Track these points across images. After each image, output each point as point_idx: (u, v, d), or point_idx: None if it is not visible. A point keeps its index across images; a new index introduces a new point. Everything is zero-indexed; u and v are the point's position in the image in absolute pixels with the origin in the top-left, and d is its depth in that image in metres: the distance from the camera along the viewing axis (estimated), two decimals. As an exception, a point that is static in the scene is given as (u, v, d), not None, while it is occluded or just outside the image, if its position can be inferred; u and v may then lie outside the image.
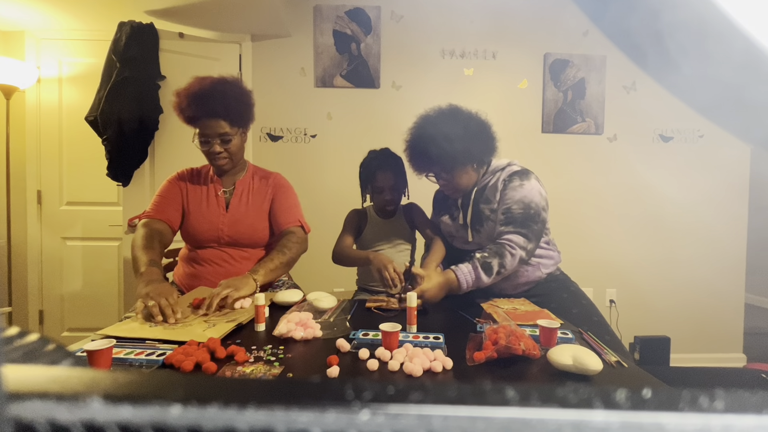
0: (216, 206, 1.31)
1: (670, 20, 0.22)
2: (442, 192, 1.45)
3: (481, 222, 1.28)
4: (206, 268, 1.29)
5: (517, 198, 1.21)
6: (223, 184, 1.34)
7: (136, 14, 1.93)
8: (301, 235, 1.33)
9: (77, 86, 2.21)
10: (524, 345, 0.73)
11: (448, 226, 1.37)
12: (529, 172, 1.27)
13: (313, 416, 0.14)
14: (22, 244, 2.22)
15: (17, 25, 2.13)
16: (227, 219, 1.30)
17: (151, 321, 0.90)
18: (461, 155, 1.25)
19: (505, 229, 1.19)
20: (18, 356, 0.20)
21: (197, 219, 1.29)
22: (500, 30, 2.28)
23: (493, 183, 1.28)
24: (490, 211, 1.26)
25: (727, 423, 0.14)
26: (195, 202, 1.31)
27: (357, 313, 1.07)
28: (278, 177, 1.42)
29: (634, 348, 2.16)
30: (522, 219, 1.19)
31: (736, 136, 0.27)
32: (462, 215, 1.33)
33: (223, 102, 1.21)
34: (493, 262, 1.13)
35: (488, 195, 1.28)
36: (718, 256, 2.36)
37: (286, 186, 1.40)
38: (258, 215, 1.34)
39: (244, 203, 1.33)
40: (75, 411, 0.14)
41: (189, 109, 1.21)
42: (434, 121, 1.28)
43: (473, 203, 1.30)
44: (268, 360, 0.75)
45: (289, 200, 1.37)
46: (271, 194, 1.37)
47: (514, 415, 0.14)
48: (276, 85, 2.23)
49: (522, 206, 1.20)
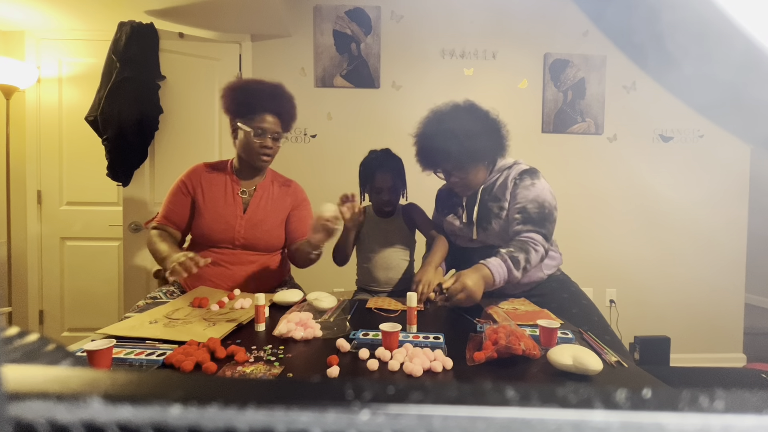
0: (233, 207, 1.29)
1: (670, 20, 0.22)
2: (446, 190, 1.44)
3: (488, 220, 1.26)
4: (213, 269, 1.25)
5: (531, 197, 1.21)
6: (243, 185, 1.34)
7: (136, 14, 1.94)
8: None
9: (77, 86, 2.21)
10: (524, 345, 0.73)
11: (452, 225, 1.36)
12: (538, 171, 1.27)
13: (313, 416, 0.14)
14: (22, 244, 2.22)
15: (17, 25, 2.13)
16: (244, 222, 1.28)
17: (179, 277, 1.02)
18: (476, 153, 1.24)
19: (524, 228, 1.17)
20: (18, 356, 0.20)
21: (213, 218, 1.27)
22: (500, 30, 2.28)
23: (501, 181, 1.27)
24: (498, 209, 1.25)
25: (727, 423, 0.14)
26: (211, 199, 1.29)
27: (357, 313, 1.07)
28: (298, 188, 1.44)
29: (634, 348, 2.16)
30: (539, 218, 1.18)
31: (736, 136, 0.27)
32: (467, 213, 1.32)
33: (281, 103, 1.28)
34: (519, 256, 1.11)
35: (497, 193, 1.27)
36: (718, 256, 2.36)
37: (306, 200, 1.44)
38: (276, 222, 1.34)
39: (263, 208, 1.32)
40: (75, 411, 0.14)
41: (249, 103, 1.24)
42: (449, 116, 1.26)
43: (480, 201, 1.29)
44: (268, 360, 0.75)
45: (307, 213, 1.41)
46: (290, 204, 1.38)
47: (514, 415, 0.14)
48: (276, 85, 2.23)
49: (537, 205, 1.19)
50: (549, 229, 1.19)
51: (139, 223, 1.97)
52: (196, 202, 1.29)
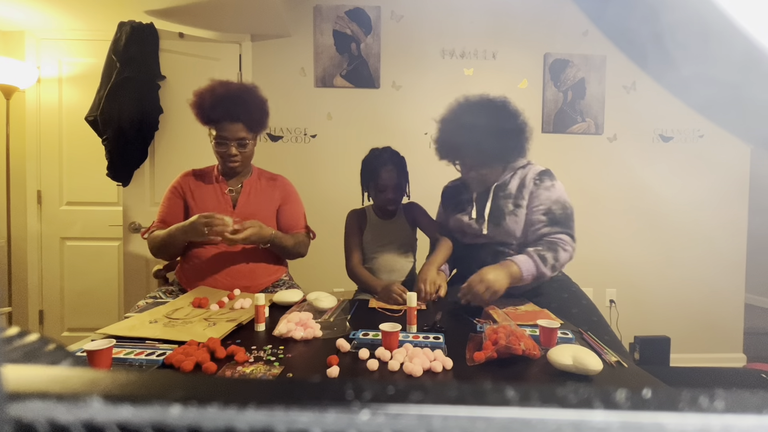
0: (223, 204, 1.32)
1: (670, 20, 0.22)
2: (454, 187, 1.44)
3: (502, 216, 1.25)
4: (210, 265, 1.29)
5: (554, 198, 1.22)
6: (229, 185, 1.36)
7: (136, 14, 1.93)
8: (306, 240, 1.41)
9: (77, 86, 2.21)
10: (524, 345, 0.73)
11: (460, 221, 1.34)
12: (552, 171, 1.29)
13: (313, 416, 0.14)
14: (22, 244, 2.22)
15: (17, 25, 2.13)
16: (235, 217, 1.29)
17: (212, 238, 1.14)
18: (501, 151, 1.25)
19: (552, 229, 1.19)
20: (18, 356, 0.20)
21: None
22: (500, 30, 2.28)
23: (518, 181, 1.27)
24: (514, 206, 1.24)
25: (727, 423, 0.14)
26: (201, 199, 1.32)
27: (357, 313, 1.07)
28: (285, 181, 1.46)
29: (634, 348, 2.16)
30: (564, 219, 1.21)
31: (736, 136, 0.27)
32: (477, 209, 1.30)
33: (245, 108, 1.26)
34: (547, 255, 1.13)
35: (512, 191, 1.26)
36: (718, 256, 2.36)
37: (294, 192, 1.46)
38: (266, 214, 1.36)
39: (252, 202, 1.35)
40: (75, 411, 0.14)
41: (211, 111, 1.24)
42: (481, 108, 1.25)
43: (493, 198, 1.28)
44: (268, 360, 0.75)
45: (297, 207, 1.44)
46: (279, 198, 1.40)
47: (514, 415, 0.14)
48: (276, 85, 2.23)
49: (560, 207, 1.22)
50: (573, 230, 1.22)
51: (139, 223, 1.97)
52: (187, 203, 1.33)
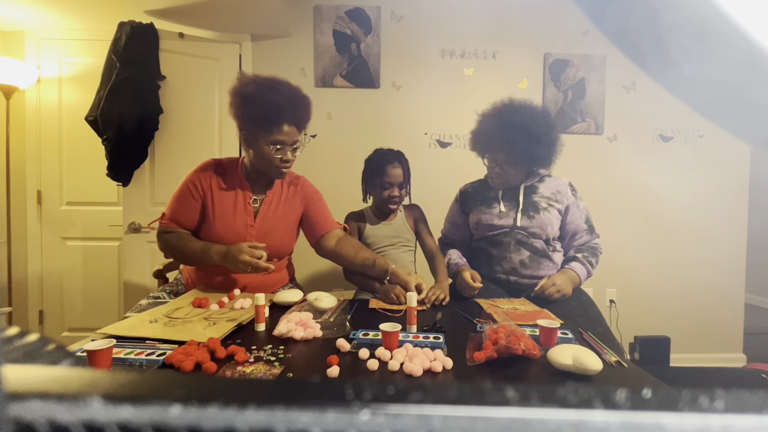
0: (244, 215, 1.23)
1: (670, 20, 0.22)
2: (474, 187, 1.50)
3: (536, 210, 1.35)
4: (221, 269, 1.20)
5: (585, 208, 1.41)
6: (253, 191, 1.27)
7: (136, 14, 1.93)
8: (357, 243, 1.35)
9: (77, 86, 2.21)
10: (524, 345, 0.73)
11: (484, 214, 1.41)
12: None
13: (313, 416, 0.14)
14: (22, 244, 2.22)
15: (17, 25, 2.13)
16: (255, 230, 1.23)
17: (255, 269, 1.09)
18: (533, 155, 1.34)
19: (591, 236, 1.40)
20: (18, 356, 0.20)
21: (223, 227, 1.21)
22: (500, 30, 2.27)
23: (550, 186, 1.39)
24: (547, 204, 1.36)
25: (727, 423, 0.14)
26: (221, 206, 1.22)
27: (357, 313, 1.07)
28: (305, 183, 1.38)
29: (634, 348, 2.16)
30: (592, 227, 1.41)
31: (736, 136, 0.27)
32: (505, 204, 1.39)
33: (300, 111, 1.19)
34: (593, 260, 1.35)
35: (545, 194, 1.37)
36: (718, 256, 2.36)
37: (317, 192, 1.38)
38: (287, 227, 1.29)
39: (272, 213, 1.27)
40: (75, 411, 0.14)
41: (272, 111, 1.13)
42: (523, 112, 1.33)
43: (524, 195, 1.38)
44: (268, 360, 0.75)
45: (323, 205, 1.36)
46: (300, 204, 1.33)
47: (514, 415, 0.14)
48: (276, 85, 2.22)
49: (588, 216, 1.42)
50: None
51: (139, 223, 1.97)
52: (206, 207, 1.22)
